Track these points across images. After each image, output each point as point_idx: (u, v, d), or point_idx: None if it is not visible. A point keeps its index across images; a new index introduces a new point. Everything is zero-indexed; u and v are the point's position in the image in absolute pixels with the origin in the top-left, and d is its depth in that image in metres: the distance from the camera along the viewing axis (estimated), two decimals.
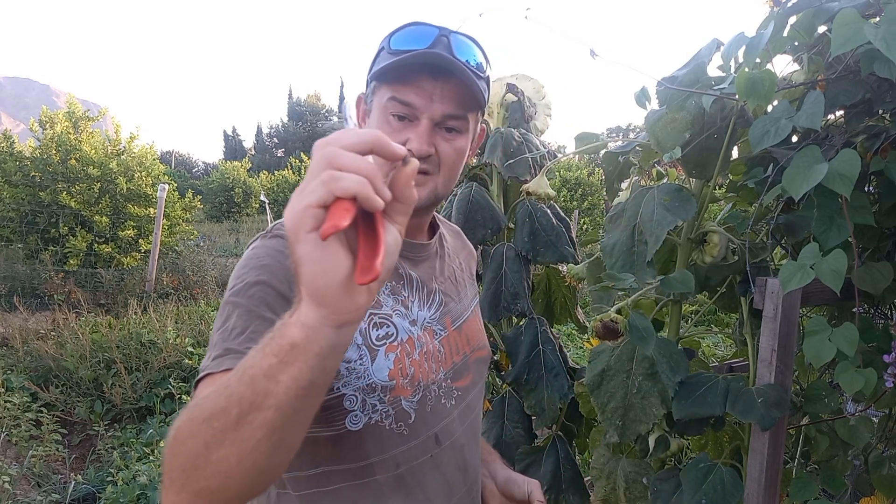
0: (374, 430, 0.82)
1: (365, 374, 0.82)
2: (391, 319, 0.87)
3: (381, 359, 0.84)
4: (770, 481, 1.28)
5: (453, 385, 0.94)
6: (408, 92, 0.84)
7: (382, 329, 0.86)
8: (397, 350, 0.86)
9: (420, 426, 0.87)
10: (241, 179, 21.18)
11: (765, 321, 1.27)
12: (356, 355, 0.82)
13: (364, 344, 0.83)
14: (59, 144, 7.40)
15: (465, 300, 1.04)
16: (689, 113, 1.30)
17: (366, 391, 0.82)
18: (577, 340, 5.75)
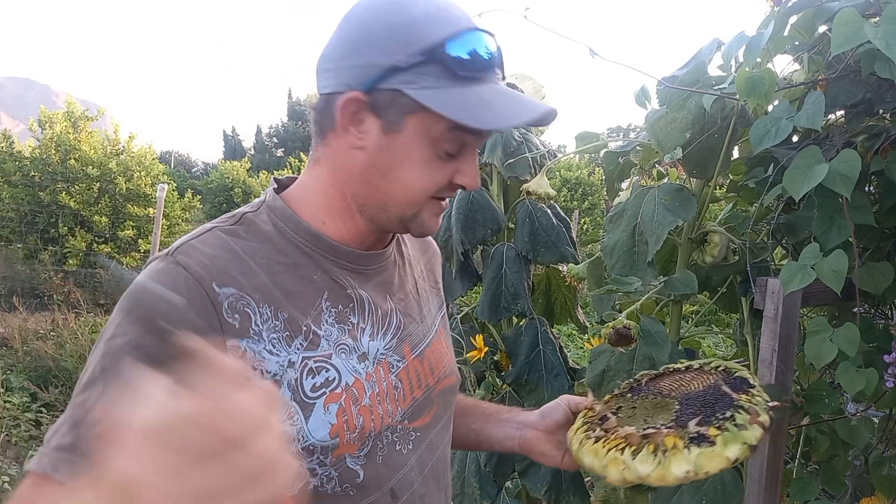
0: (314, 495, 0.69)
1: (299, 436, 0.66)
2: (330, 361, 0.70)
3: (320, 414, 0.68)
4: (770, 482, 1.28)
5: (411, 426, 0.78)
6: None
7: (320, 376, 0.69)
8: (341, 399, 0.70)
9: (371, 484, 0.72)
10: (241, 179, 21.17)
11: (765, 321, 1.27)
12: (283, 416, 0.65)
13: (294, 399, 0.67)
14: (59, 144, 7.40)
15: (428, 318, 0.87)
16: (689, 113, 1.30)
17: (302, 456, 0.67)
18: (578, 341, 5.75)
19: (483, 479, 1.81)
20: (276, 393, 0.41)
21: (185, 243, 0.68)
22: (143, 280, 0.66)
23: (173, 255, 0.66)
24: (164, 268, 0.66)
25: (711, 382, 0.83)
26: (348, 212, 0.75)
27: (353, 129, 0.70)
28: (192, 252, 0.67)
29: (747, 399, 0.74)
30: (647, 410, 0.83)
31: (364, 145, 0.70)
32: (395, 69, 0.66)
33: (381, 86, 0.67)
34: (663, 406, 0.82)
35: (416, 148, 0.69)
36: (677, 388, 0.85)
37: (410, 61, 0.66)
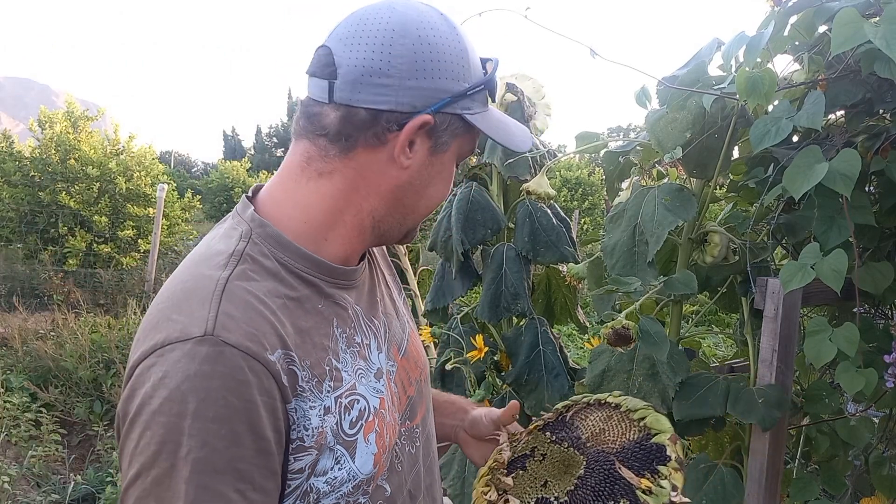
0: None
1: (350, 477, 0.66)
2: (357, 392, 0.68)
3: (363, 448, 0.67)
4: (770, 482, 1.28)
5: (412, 425, 0.80)
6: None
7: (354, 410, 0.67)
8: (375, 426, 0.69)
9: (395, 493, 0.73)
10: (241, 179, 21.17)
11: (765, 321, 1.27)
12: (332, 463, 0.64)
13: (339, 443, 0.65)
14: (59, 144, 7.39)
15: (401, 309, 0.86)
16: (689, 112, 1.30)
17: (350, 494, 0.66)
18: (578, 341, 5.75)
19: None
20: None
21: (216, 315, 0.59)
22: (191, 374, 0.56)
23: (215, 335, 0.58)
24: (209, 353, 0.57)
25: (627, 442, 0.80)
26: (359, 227, 0.72)
27: (405, 151, 0.68)
28: (231, 324, 0.59)
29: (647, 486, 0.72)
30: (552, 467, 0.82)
31: (408, 165, 0.69)
32: (460, 95, 0.67)
33: (445, 110, 0.67)
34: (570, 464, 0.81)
35: (449, 167, 0.73)
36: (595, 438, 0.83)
37: (472, 88, 0.68)
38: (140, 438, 0.56)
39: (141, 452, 0.56)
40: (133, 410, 0.57)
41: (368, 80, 0.65)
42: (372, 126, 0.66)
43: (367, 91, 0.65)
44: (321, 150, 0.68)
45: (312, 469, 0.63)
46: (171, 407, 0.55)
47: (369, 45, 0.65)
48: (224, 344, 0.58)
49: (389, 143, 0.67)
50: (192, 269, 0.66)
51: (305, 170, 0.69)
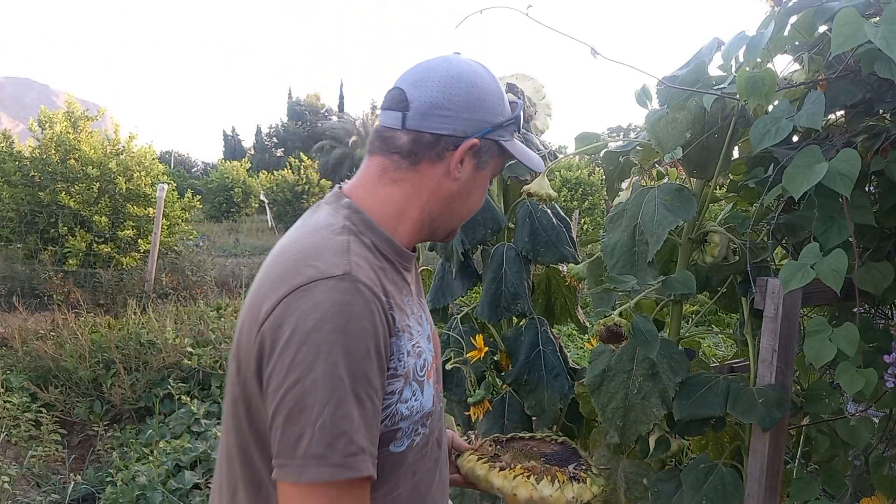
0: (410, 449, 0.88)
1: (421, 407, 0.87)
2: (421, 345, 0.89)
3: (428, 388, 0.89)
4: (771, 482, 1.28)
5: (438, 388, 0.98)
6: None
7: (421, 358, 0.88)
8: (433, 373, 0.92)
9: (430, 435, 0.93)
10: (241, 179, 21.17)
11: (765, 321, 1.27)
12: (410, 394, 0.85)
13: (414, 380, 0.86)
14: (59, 144, 7.39)
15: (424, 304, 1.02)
16: (689, 112, 1.30)
17: (418, 422, 0.88)
18: (578, 341, 5.75)
19: None
20: None
21: (349, 262, 0.79)
22: (339, 301, 0.75)
23: (352, 275, 0.78)
24: (350, 287, 0.76)
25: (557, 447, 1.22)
26: (419, 223, 0.92)
27: (458, 166, 0.90)
28: (360, 269, 0.80)
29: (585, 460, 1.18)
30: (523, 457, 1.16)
31: (458, 177, 0.91)
32: (498, 126, 0.91)
33: (487, 136, 0.91)
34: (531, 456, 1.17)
35: (485, 182, 0.96)
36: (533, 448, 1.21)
37: (506, 121, 0.92)
38: (297, 352, 0.73)
39: (299, 363, 0.72)
40: (287, 333, 0.74)
41: (434, 113, 0.87)
42: (434, 146, 0.88)
43: (433, 120, 0.87)
44: (395, 163, 0.89)
45: (399, 395, 0.83)
46: (324, 325, 0.73)
47: (434, 87, 0.88)
48: (358, 281, 0.77)
49: (446, 160, 0.89)
50: (313, 234, 0.85)
51: (382, 178, 0.90)
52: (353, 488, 0.74)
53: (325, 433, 0.71)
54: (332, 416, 0.71)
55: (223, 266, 8.59)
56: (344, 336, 0.73)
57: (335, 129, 37.28)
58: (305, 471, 0.71)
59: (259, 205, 20.49)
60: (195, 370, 4.32)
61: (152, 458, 3.14)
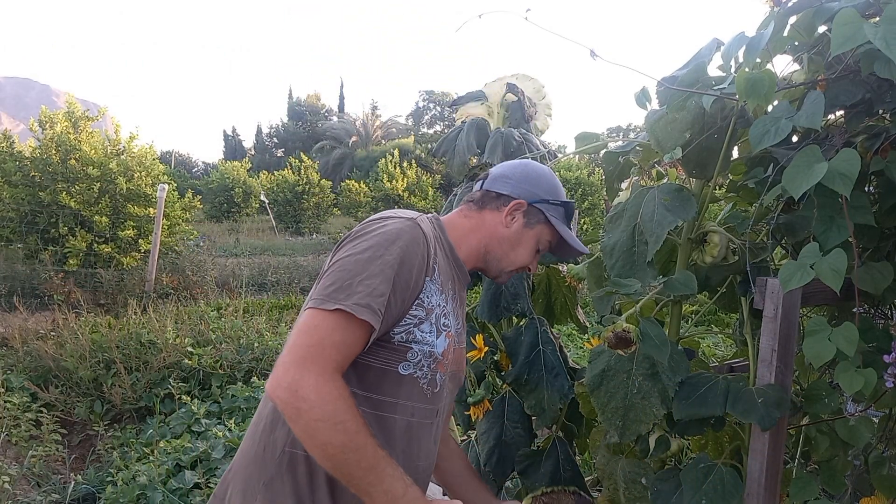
0: (413, 381, 1.10)
1: (431, 343, 1.11)
2: (450, 317, 1.17)
3: (443, 338, 1.13)
4: (770, 481, 1.28)
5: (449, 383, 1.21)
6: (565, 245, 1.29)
7: (447, 320, 1.15)
8: (451, 339, 1.17)
9: (438, 397, 1.15)
10: (241, 179, 21.16)
11: (765, 321, 1.27)
12: (429, 328, 1.10)
13: (436, 325, 1.12)
14: (59, 144, 7.39)
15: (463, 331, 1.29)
16: (689, 113, 1.30)
17: (425, 355, 1.10)
18: (578, 340, 5.75)
19: (483, 479, 1.81)
20: None
21: (418, 218, 1.13)
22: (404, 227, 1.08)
23: (416, 222, 1.11)
24: (413, 225, 1.10)
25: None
26: (476, 252, 1.25)
27: (508, 217, 1.24)
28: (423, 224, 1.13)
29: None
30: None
31: (508, 226, 1.25)
32: (545, 201, 1.26)
33: (535, 204, 1.25)
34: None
35: (532, 242, 1.27)
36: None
37: (554, 201, 1.27)
38: (362, 241, 1.05)
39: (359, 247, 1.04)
40: (362, 232, 1.08)
41: (501, 179, 1.27)
42: (496, 200, 1.26)
43: (499, 183, 1.27)
44: (469, 207, 1.29)
45: (419, 322, 1.09)
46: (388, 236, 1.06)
47: (506, 166, 1.31)
48: (419, 227, 1.11)
49: (503, 211, 1.25)
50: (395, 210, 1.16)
51: (459, 214, 1.29)
52: (350, 327, 0.98)
53: (355, 289, 0.99)
54: (368, 283, 0.99)
55: (223, 266, 8.60)
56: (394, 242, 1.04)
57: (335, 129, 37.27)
58: (326, 302, 0.98)
59: (259, 205, 20.49)
60: (196, 370, 4.32)
61: (153, 458, 3.14)
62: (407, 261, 1.04)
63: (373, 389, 1.07)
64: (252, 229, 17.88)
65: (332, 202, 20.60)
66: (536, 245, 1.26)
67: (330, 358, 0.95)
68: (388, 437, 1.08)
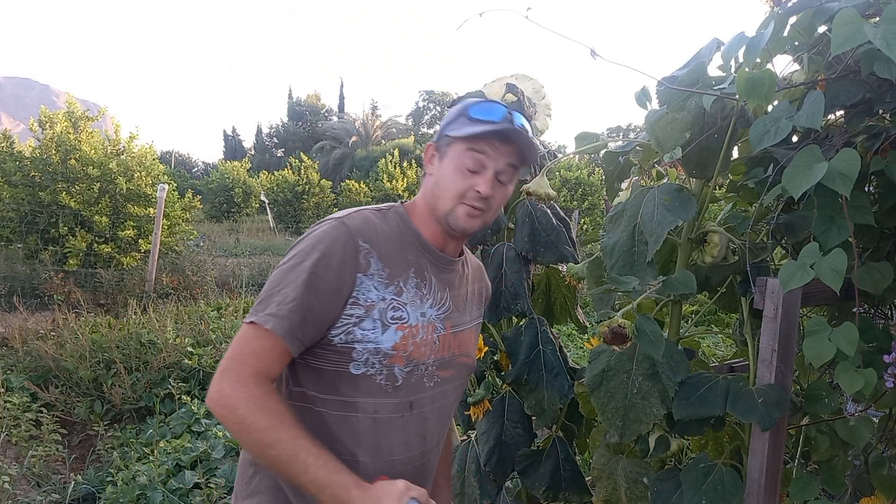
0: (367, 378, 1.09)
1: (374, 340, 1.09)
2: (406, 307, 1.13)
3: (391, 332, 1.10)
4: (770, 481, 1.28)
5: (436, 372, 1.18)
6: (484, 150, 1.11)
7: (397, 312, 1.12)
8: (406, 330, 1.12)
9: (402, 390, 1.12)
10: (241, 179, 21.17)
11: (765, 321, 1.27)
12: (371, 326, 1.08)
13: (379, 320, 1.09)
14: (59, 144, 7.39)
15: (465, 317, 1.26)
16: (689, 113, 1.30)
17: (371, 352, 1.08)
18: (577, 340, 5.75)
19: (483, 479, 1.81)
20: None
21: (349, 215, 1.12)
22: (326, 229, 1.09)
23: (342, 220, 1.10)
24: (337, 225, 1.09)
25: None
26: (430, 216, 1.17)
27: (429, 164, 1.18)
28: (352, 220, 1.11)
29: None
30: None
31: (432, 172, 1.17)
32: (445, 126, 1.16)
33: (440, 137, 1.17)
34: None
35: (450, 166, 1.13)
36: None
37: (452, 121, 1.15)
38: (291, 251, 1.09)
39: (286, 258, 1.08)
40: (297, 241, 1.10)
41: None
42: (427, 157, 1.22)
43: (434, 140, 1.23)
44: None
45: (359, 321, 1.08)
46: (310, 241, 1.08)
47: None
48: (344, 225, 1.09)
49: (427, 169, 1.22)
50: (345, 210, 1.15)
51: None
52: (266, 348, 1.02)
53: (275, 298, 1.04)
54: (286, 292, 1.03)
55: (223, 266, 8.60)
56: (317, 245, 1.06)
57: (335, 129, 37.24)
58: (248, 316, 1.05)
59: (259, 205, 20.49)
60: (196, 370, 4.32)
61: (153, 458, 3.14)
62: (326, 263, 1.04)
63: (331, 391, 1.09)
64: (252, 229, 17.87)
65: (332, 202, 20.60)
66: (458, 166, 1.12)
67: (246, 366, 1.01)
68: (353, 435, 1.09)
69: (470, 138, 1.11)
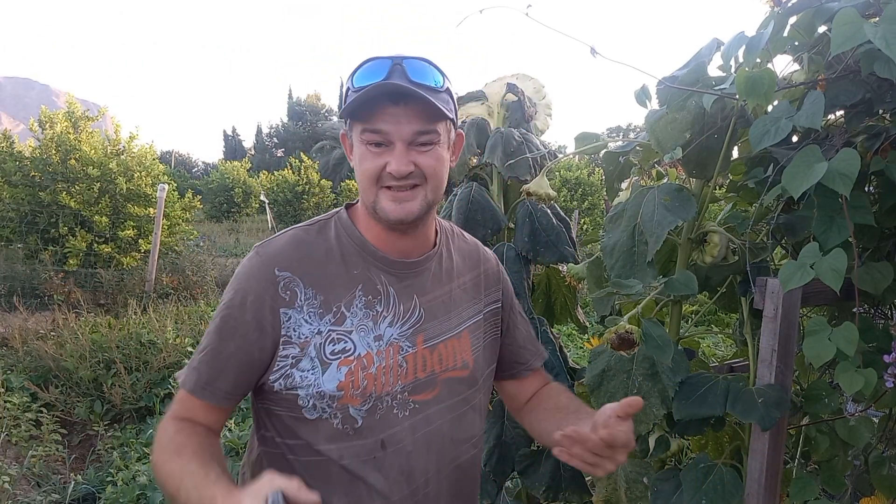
0: (324, 423, 0.96)
1: (315, 383, 0.94)
2: (350, 336, 0.97)
3: (333, 371, 0.95)
4: (770, 481, 1.28)
5: (410, 398, 1.00)
6: (376, 121, 0.93)
7: (339, 345, 0.96)
8: (352, 364, 0.96)
9: (366, 431, 0.97)
10: (241, 179, 21.17)
11: (765, 321, 1.27)
12: (309, 367, 0.94)
13: (317, 358, 0.95)
14: (59, 144, 7.39)
15: (455, 320, 1.07)
16: (689, 113, 1.30)
17: (315, 397, 0.95)
18: (577, 340, 5.75)
19: (483, 479, 1.81)
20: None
21: (268, 241, 1.00)
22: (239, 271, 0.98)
23: (257, 248, 0.99)
24: (252, 255, 0.99)
25: None
26: (370, 216, 1.00)
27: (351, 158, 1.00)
28: (269, 246, 0.99)
29: None
30: None
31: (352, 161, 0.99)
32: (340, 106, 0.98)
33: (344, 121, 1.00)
34: None
35: (357, 152, 0.97)
36: None
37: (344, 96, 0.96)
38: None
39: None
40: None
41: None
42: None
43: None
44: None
45: (296, 361, 0.94)
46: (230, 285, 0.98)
47: None
48: (258, 254, 0.98)
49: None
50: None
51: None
52: (183, 399, 0.97)
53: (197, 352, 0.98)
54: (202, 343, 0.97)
55: (223, 266, 8.58)
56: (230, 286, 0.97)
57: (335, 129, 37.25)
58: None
59: (259, 205, 20.48)
60: None
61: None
62: (239, 303, 0.94)
63: (295, 437, 0.97)
64: (252, 229, 17.87)
65: (332, 202, 20.59)
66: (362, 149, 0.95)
67: (172, 411, 1.00)
68: (326, 482, 0.96)
69: (358, 113, 0.93)
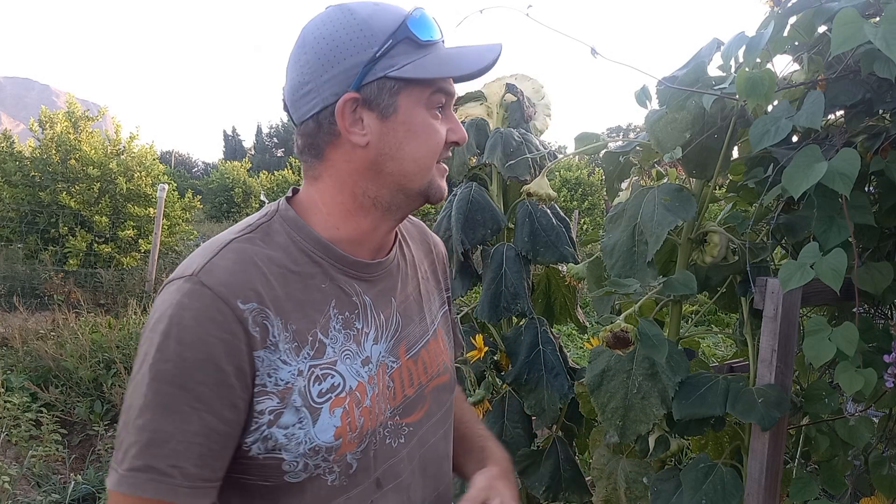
0: (313, 483, 0.75)
1: (307, 439, 0.72)
2: (335, 368, 0.76)
3: (326, 418, 0.74)
4: (770, 481, 1.28)
5: (402, 422, 0.84)
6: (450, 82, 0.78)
7: (326, 382, 0.75)
8: (345, 402, 0.76)
9: (360, 474, 0.79)
10: (241, 179, 21.16)
11: (765, 321, 1.27)
12: (295, 419, 0.72)
13: (304, 405, 0.72)
14: (59, 144, 7.40)
15: (428, 318, 0.92)
16: (689, 113, 1.30)
17: (308, 455, 0.73)
18: (577, 340, 5.75)
19: None
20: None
21: (207, 262, 0.71)
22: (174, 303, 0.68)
23: (198, 276, 0.70)
24: (191, 289, 0.69)
25: None
26: (362, 210, 0.80)
27: (355, 130, 0.75)
28: (215, 271, 0.71)
29: None
30: None
31: (367, 140, 0.76)
32: (374, 60, 0.73)
33: (367, 80, 0.74)
34: None
35: (415, 119, 0.76)
36: None
37: (383, 49, 0.73)
38: (139, 347, 0.70)
39: (136, 360, 0.70)
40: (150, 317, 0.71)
41: (298, 96, 0.77)
42: (320, 129, 0.76)
43: (302, 105, 0.77)
44: (306, 163, 0.81)
45: (276, 418, 0.71)
46: (157, 326, 0.68)
47: (290, 70, 0.78)
48: (202, 285, 0.69)
49: (341, 133, 0.75)
50: (221, 234, 0.78)
51: (306, 179, 0.82)
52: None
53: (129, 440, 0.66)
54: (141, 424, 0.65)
55: None
56: (164, 340, 0.66)
57: None
58: (110, 475, 0.68)
59: (259, 205, 20.47)
60: None
61: None
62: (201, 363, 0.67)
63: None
64: None
65: None
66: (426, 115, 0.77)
67: None
68: None
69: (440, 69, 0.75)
